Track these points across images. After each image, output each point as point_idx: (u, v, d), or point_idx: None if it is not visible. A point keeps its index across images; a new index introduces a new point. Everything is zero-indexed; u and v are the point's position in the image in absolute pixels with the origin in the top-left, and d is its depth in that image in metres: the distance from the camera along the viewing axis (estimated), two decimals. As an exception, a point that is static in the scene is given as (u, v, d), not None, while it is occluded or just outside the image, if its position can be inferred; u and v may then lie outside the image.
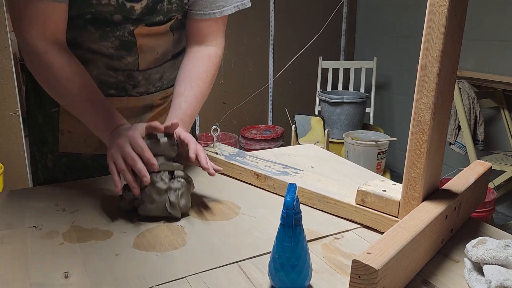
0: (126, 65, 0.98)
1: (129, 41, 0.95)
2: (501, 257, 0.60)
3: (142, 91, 1.03)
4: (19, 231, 0.76)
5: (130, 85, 1.01)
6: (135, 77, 1.00)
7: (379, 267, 0.51)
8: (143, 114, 1.07)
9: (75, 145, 1.02)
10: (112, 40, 0.93)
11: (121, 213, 0.83)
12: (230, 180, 1.01)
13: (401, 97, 3.55)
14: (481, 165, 0.85)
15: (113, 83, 0.99)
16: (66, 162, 1.04)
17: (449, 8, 0.60)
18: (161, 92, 1.08)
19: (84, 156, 1.04)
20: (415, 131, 0.67)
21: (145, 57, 0.99)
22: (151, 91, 1.05)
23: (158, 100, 1.08)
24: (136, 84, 1.01)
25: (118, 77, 0.98)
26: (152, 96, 1.06)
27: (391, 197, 0.75)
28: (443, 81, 0.64)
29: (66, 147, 1.02)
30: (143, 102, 1.05)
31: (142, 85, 1.02)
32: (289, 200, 0.57)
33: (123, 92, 1.01)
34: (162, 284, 0.62)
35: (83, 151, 1.03)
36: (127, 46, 0.95)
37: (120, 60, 0.97)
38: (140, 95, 1.03)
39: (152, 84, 1.04)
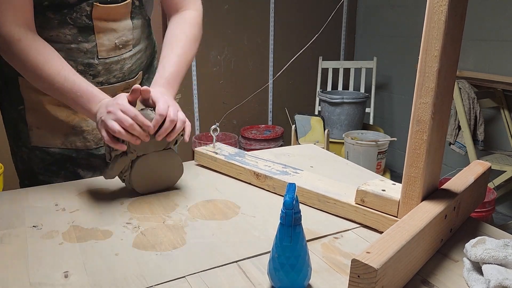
0: (85, 53, 0.99)
1: (86, 25, 0.96)
2: (500, 256, 0.60)
3: (102, 81, 1.03)
4: (19, 231, 0.76)
5: (90, 75, 1.01)
6: (95, 67, 1.01)
7: (378, 266, 0.51)
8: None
9: (44, 139, 1.05)
10: (70, 27, 0.95)
11: (121, 213, 0.83)
12: (230, 180, 1.01)
13: (401, 97, 3.55)
14: (480, 165, 0.85)
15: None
16: (38, 155, 1.07)
17: (449, 8, 0.60)
18: (122, 83, 1.08)
19: (53, 150, 1.06)
20: (415, 130, 0.67)
21: (103, 44, 1.00)
22: (112, 82, 1.06)
23: (120, 91, 1.07)
24: (96, 74, 1.02)
25: (78, 66, 0.99)
26: (113, 87, 1.06)
27: (391, 197, 0.75)
28: (442, 81, 0.65)
29: (36, 141, 1.05)
30: (107, 94, 1.04)
31: (102, 75, 1.03)
32: (289, 200, 0.57)
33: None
34: (161, 284, 0.62)
35: (51, 145, 1.06)
36: (85, 32, 0.97)
37: (79, 48, 0.98)
38: (101, 85, 1.03)
39: (112, 74, 1.05)
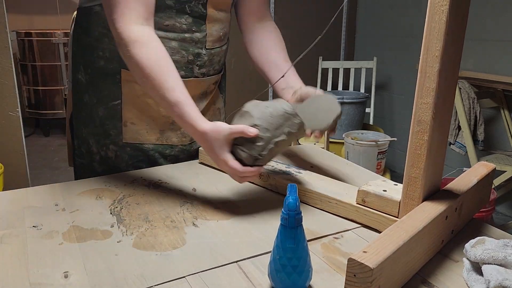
0: (196, 43, 1.03)
1: (201, 14, 1.00)
2: (499, 257, 0.60)
3: (204, 72, 1.07)
4: (19, 231, 0.76)
5: (197, 65, 1.05)
6: (202, 57, 1.05)
7: (374, 266, 0.51)
8: (201, 102, 1.11)
9: (138, 135, 1.06)
10: (187, 16, 0.99)
11: (121, 213, 0.83)
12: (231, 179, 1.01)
13: (401, 97, 3.55)
14: (484, 166, 0.85)
15: (183, 64, 1.03)
16: (129, 152, 1.07)
17: (450, 8, 0.60)
18: (214, 76, 1.12)
19: (147, 146, 1.08)
20: (416, 131, 0.67)
21: (212, 34, 1.05)
22: (211, 73, 1.10)
23: (212, 85, 1.12)
24: (202, 65, 1.06)
25: (189, 56, 1.03)
26: (210, 80, 1.11)
27: (392, 197, 0.75)
28: (443, 81, 0.64)
29: (129, 138, 1.06)
30: (202, 87, 1.09)
31: (207, 66, 1.07)
32: (292, 202, 0.57)
33: (190, 73, 1.05)
34: (161, 284, 0.62)
35: (145, 141, 1.07)
36: (198, 21, 1.01)
37: (192, 38, 1.01)
38: (203, 77, 1.07)
39: (213, 66, 1.09)
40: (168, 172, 1.04)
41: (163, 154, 1.10)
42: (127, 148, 1.07)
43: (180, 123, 0.85)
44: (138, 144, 1.07)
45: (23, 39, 4.25)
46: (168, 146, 1.10)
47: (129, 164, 1.08)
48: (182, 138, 1.10)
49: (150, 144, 1.08)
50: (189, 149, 1.14)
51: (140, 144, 1.07)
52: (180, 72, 1.01)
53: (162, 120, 1.07)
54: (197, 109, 0.84)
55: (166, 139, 1.09)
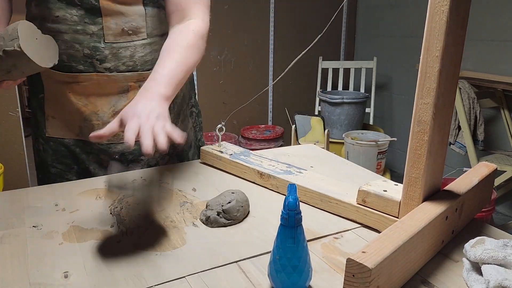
0: (91, 36, 0.98)
1: (93, 6, 0.96)
2: (499, 257, 0.60)
3: (110, 67, 1.01)
4: (19, 231, 0.76)
5: (97, 60, 1.00)
6: (101, 51, 0.99)
7: (373, 266, 0.51)
8: (119, 101, 1.05)
9: (59, 130, 1.07)
10: (78, 8, 0.96)
11: (121, 213, 0.83)
12: (233, 179, 1.01)
13: (401, 97, 3.55)
14: (486, 166, 0.85)
15: (80, 58, 1.00)
16: (52, 146, 1.08)
17: (450, 8, 0.60)
18: (134, 73, 1.04)
19: (68, 140, 1.08)
20: (416, 131, 0.67)
21: (110, 27, 0.98)
22: (121, 69, 1.02)
23: (133, 83, 1.05)
24: (102, 59, 1.00)
25: (84, 50, 0.99)
26: (123, 76, 1.03)
27: (392, 197, 0.75)
28: (444, 81, 0.64)
29: (51, 132, 1.07)
30: (117, 84, 1.03)
31: (110, 61, 1.01)
32: (292, 201, 0.57)
33: (91, 68, 1.01)
34: (161, 284, 0.62)
35: (66, 136, 1.07)
36: (92, 13, 0.96)
37: (85, 31, 0.97)
38: (109, 72, 1.01)
39: (121, 61, 1.01)
40: (168, 172, 1.04)
41: (85, 151, 1.08)
42: (50, 142, 1.08)
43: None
44: (59, 138, 1.07)
45: (23, 39, 4.25)
46: (87, 142, 1.06)
47: (54, 159, 1.09)
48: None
49: (71, 139, 1.07)
50: (107, 150, 1.07)
51: (61, 138, 1.07)
52: (78, 67, 1.00)
53: (76, 116, 1.04)
54: None
55: (84, 136, 1.06)
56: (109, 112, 1.05)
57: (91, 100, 1.03)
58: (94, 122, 1.04)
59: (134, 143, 0.69)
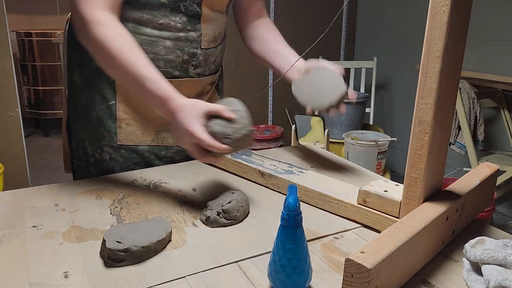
0: (191, 42, 1.02)
1: (195, 13, 1.00)
2: (499, 257, 0.60)
3: (200, 72, 1.07)
4: (19, 231, 0.76)
5: (192, 65, 1.04)
6: (197, 57, 1.05)
7: (372, 266, 0.51)
8: None
9: (133, 137, 1.05)
10: (181, 15, 0.98)
11: (121, 213, 0.83)
12: (234, 179, 1.01)
13: (401, 97, 3.55)
14: (488, 167, 0.85)
15: (178, 64, 1.03)
16: (124, 154, 1.06)
17: (451, 8, 0.60)
18: (210, 76, 1.11)
19: (142, 147, 1.07)
20: (416, 131, 0.67)
21: (207, 34, 1.04)
22: (206, 74, 1.10)
23: (208, 85, 1.12)
24: (197, 65, 1.05)
25: (184, 56, 1.02)
26: (206, 80, 1.10)
27: (392, 198, 0.75)
28: (445, 81, 0.64)
29: (124, 139, 1.05)
30: (198, 87, 1.09)
31: (202, 66, 1.07)
32: (292, 202, 0.56)
33: (185, 73, 1.05)
34: (161, 284, 0.62)
35: (140, 143, 1.06)
36: (193, 21, 1.01)
37: (186, 37, 1.01)
38: (198, 77, 1.07)
39: (208, 66, 1.09)
40: (168, 172, 1.04)
41: (158, 156, 1.09)
42: (121, 150, 1.06)
43: (151, 98, 0.84)
44: (133, 146, 1.06)
45: (23, 39, 4.25)
46: (163, 147, 1.09)
47: (124, 167, 1.06)
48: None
49: (145, 146, 1.07)
50: (185, 150, 1.11)
51: (135, 145, 1.06)
52: (174, 72, 1.02)
53: (158, 120, 1.06)
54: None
55: (161, 140, 1.08)
56: None
57: None
58: None
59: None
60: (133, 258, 0.67)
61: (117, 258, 0.66)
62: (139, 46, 0.86)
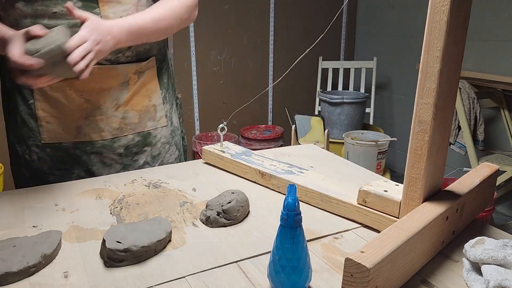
0: None
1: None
2: (499, 257, 0.60)
3: (110, 58, 1.01)
4: (19, 231, 0.76)
5: None
6: None
7: (371, 265, 0.51)
8: (121, 93, 1.06)
9: (56, 134, 1.04)
10: (75, 1, 0.94)
11: (121, 213, 0.83)
12: (233, 179, 1.01)
13: (401, 97, 3.55)
14: (488, 167, 0.85)
15: None
16: (50, 153, 1.05)
17: (451, 7, 0.60)
18: (133, 64, 1.06)
19: (66, 144, 1.05)
20: (416, 131, 0.67)
21: (108, 16, 0.98)
22: (122, 61, 1.03)
23: (132, 74, 1.06)
24: None
25: None
26: (124, 68, 1.04)
27: (392, 198, 0.75)
28: (445, 81, 0.64)
29: (47, 137, 1.04)
30: (118, 77, 1.04)
31: (111, 52, 0.97)
32: (291, 202, 0.56)
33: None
34: (161, 284, 0.62)
35: (64, 139, 1.05)
36: (89, 4, 0.96)
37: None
38: (110, 64, 1.02)
39: (122, 52, 1.02)
40: (168, 172, 1.04)
41: (84, 151, 1.06)
42: (47, 149, 1.04)
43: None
44: (56, 143, 1.04)
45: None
46: (87, 142, 1.05)
47: (52, 166, 1.05)
48: (100, 133, 1.05)
49: (69, 142, 1.04)
50: (112, 145, 1.07)
51: (59, 143, 1.04)
52: None
53: (75, 115, 1.03)
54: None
55: (84, 135, 1.05)
56: (113, 105, 1.05)
57: (93, 95, 1.02)
58: (98, 117, 1.04)
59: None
60: (133, 258, 0.67)
61: (117, 258, 0.66)
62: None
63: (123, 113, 1.06)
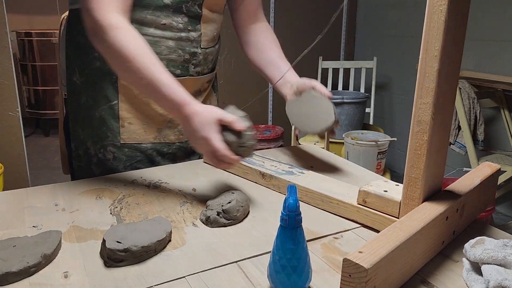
0: (192, 42, 1.05)
1: (196, 14, 1.03)
2: (499, 257, 0.60)
3: (199, 71, 1.10)
4: (19, 231, 0.76)
5: (193, 64, 1.07)
6: (198, 56, 1.07)
7: (369, 266, 0.51)
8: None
9: (136, 135, 1.07)
10: (183, 16, 1.01)
11: (121, 213, 0.83)
12: (233, 179, 1.01)
13: (401, 97, 3.55)
14: (489, 166, 0.84)
15: (180, 63, 1.05)
16: (127, 153, 1.07)
17: (449, 7, 0.60)
18: (208, 75, 1.14)
19: (144, 145, 1.08)
20: (415, 131, 0.67)
21: (206, 34, 1.07)
22: (205, 72, 1.12)
23: (205, 83, 1.14)
24: (197, 64, 1.08)
25: (185, 55, 1.05)
26: (204, 78, 1.12)
27: (392, 198, 0.75)
28: (443, 81, 0.64)
29: (127, 138, 1.06)
30: (196, 86, 1.11)
31: (201, 65, 1.09)
32: (292, 202, 0.56)
33: (186, 71, 1.06)
34: (161, 284, 0.62)
35: (143, 140, 1.08)
36: (193, 21, 1.03)
37: (187, 37, 1.03)
38: (197, 75, 1.10)
39: (207, 65, 1.12)
40: (168, 172, 1.05)
41: (161, 153, 1.11)
42: (124, 149, 1.07)
43: (166, 103, 0.85)
44: (136, 144, 1.07)
45: (23, 39, 4.25)
46: (165, 144, 1.11)
47: (127, 166, 1.08)
48: (179, 136, 1.12)
49: (148, 143, 1.08)
50: (186, 146, 1.14)
51: (138, 144, 1.07)
52: (176, 71, 1.04)
53: (160, 118, 1.07)
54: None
55: (163, 137, 1.10)
56: None
57: None
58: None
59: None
60: (133, 258, 0.67)
61: (117, 258, 0.66)
62: (153, 51, 0.86)
63: None
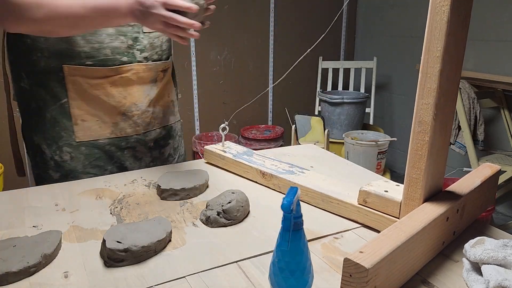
0: (133, 27, 1.04)
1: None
2: (499, 257, 0.60)
3: (147, 56, 1.08)
4: (19, 231, 0.76)
5: (138, 50, 1.06)
6: (141, 41, 1.06)
7: (370, 266, 0.51)
8: (151, 89, 1.11)
9: (91, 132, 1.05)
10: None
11: (120, 213, 0.83)
12: (233, 178, 1.01)
13: (401, 97, 3.55)
14: (489, 167, 0.84)
15: (124, 49, 1.04)
16: (84, 151, 1.06)
17: (451, 8, 0.60)
18: (160, 62, 1.12)
19: (102, 141, 1.07)
20: (417, 131, 0.67)
21: None
22: (154, 59, 1.10)
23: (160, 71, 1.13)
24: (142, 49, 1.07)
25: (128, 41, 1.04)
26: (156, 65, 1.11)
27: (392, 198, 0.75)
28: (445, 81, 0.64)
29: (82, 136, 1.05)
30: (149, 74, 1.10)
31: (147, 50, 1.08)
32: (286, 203, 0.54)
33: (132, 57, 1.06)
34: (161, 284, 0.62)
35: (100, 136, 1.06)
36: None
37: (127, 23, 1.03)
38: (146, 61, 1.08)
39: (154, 50, 1.10)
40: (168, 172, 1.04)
41: (119, 147, 1.08)
42: (81, 148, 1.05)
43: (113, 13, 0.87)
44: (92, 141, 1.05)
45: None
46: (123, 138, 1.08)
47: (86, 165, 1.06)
48: (135, 128, 1.09)
49: (105, 139, 1.06)
50: (144, 139, 1.12)
51: (95, 140, 1.05)
52: (122, 58, 1.04)
53: (113, 111, 1.05)
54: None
55: (119, 131, 1.07)
56: (146, 101, 1.10)
57: (131, 91, 1.06)
58: (134, 112, 1.08)
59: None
60: (133, 258, 0.67)
61: (117, 258, 0.66)
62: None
63: (153, 108, 1.12)
